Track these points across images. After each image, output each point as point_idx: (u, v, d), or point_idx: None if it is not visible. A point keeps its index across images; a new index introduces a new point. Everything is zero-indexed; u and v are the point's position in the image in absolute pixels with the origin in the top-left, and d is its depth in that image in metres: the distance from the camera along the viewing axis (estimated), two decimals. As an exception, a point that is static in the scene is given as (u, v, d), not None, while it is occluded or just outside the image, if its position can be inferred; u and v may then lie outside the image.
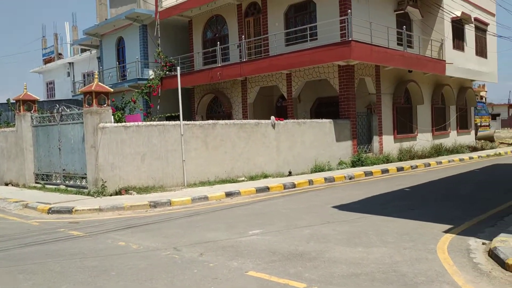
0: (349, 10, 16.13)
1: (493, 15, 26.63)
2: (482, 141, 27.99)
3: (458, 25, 22.67)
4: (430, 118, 22.59)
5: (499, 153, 21.70)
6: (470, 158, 19.78)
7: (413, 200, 9.59)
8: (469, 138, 26.32)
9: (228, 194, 11.07)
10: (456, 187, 11.32)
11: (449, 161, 18.49)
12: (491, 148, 25.47)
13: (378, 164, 17.28)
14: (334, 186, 12.56)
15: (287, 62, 17.66)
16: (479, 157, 20.26)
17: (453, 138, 24.23)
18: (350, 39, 15.76)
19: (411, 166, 16.57)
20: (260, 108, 21.44)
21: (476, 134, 28.09)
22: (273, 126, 14.56)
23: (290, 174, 14.67)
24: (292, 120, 15.46)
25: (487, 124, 33.75)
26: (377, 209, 8.49)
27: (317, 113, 20.30)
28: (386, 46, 17.62)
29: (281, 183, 12.44)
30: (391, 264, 5.17)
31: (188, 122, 12.48)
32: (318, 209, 8.78)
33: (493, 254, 5.30)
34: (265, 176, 13.99)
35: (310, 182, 13.03)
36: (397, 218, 7.62)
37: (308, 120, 16.03)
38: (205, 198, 10.61)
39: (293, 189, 12.31)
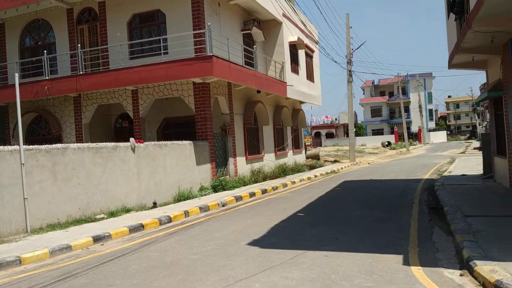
0: (209, 24, 15.01)
1: (317, 42, 28.94)
2: (309, 159, 29.87)
3: (293, 50, 23.73)
4: (273, 139, 22.92)
5: (334, 170, 23.16)
6: (315, 176, 20.51)
7: (323, 226, 8.75)
8: (302, 157, 27.76)
9: (97, 239, 8.57)
10: (343, 208, 10.99)
11: (300, 181, 18.74)
12: (321, 166, 27.14)
13: (238, 187, 16.38)
14: (214, 216, 11.04)
15: (137, 77, 15.55)
16: (321, 175, 21.17)
17: (290, 157, 25.11)
18: (211, 54, 14.63)
19: (273, 188, 16.12)
20: (98, 130, 18.54)
21: (306, 153, 29.88)
22: (133, 149, 12.33)
23: (154, 205, 12.57)
24: (153, 143, 13.41)
25: (310, 143, 36.58)
26: (301, 243, 7.36)
27: (164, 135, 18.47)
28: (240, 65, 17.05)
29: (155, 218, 10.36)
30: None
31: (31, 147, 9.45)
32: (234, 249, 7.19)
33: (501, 290, 4.62)
34: (127, 210, 11.64)
35: (186, 213, 11.26)
36: (337, 252, 6.60)
37: (169, 142, 14.17)
38: (68, 247, 7.94)
39: (170, 223, 10.37)
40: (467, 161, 23.15)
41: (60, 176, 9.97)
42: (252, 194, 14.57)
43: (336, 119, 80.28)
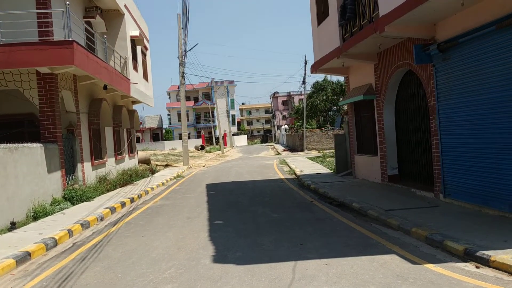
0: (67, 3, 12.47)
1: (148, 41, 27.36)
2: (140, 164, 28.04)
3: (133, 45, 21.89)
4: (113, 142, 20.62)
5: (179, 174, 22.24)
6: (167, 181, 19.25)
7: (267, 234, 7.88)
8: (136, 162, 25.79)
9: (-20, 281, 6.03)
10: (253, 211, 10.28)
11: (157, 186, 17.29)
12: (155, 170, 25.68)
13: (95, 197, 14.16)
14: (108, 233, 9.09)
15: (-39, 61, 11.88)
16: (170, 179, 20.00)
17: (127, 162, 23.05)
18: (71, 39, 12.20)
19: (138, 196, 14.41)
20: None
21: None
22: (-19, 155, 9.27)
23: (13, 225, 9.69)
24: (3, 145, 10.33)
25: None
26: (275, 253, 6.53)
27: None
28: (96, 55, 14.74)
29: (38, 243, 7.92)
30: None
31: None
32: (206, 270, 5.88)
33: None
34: (-20, 236, 8.67)
35: (70, 233, 9.00)
36: (330, 259, 6.03)
37: (20, 144, 11.16)
38: None
39: (58, 247, 8.12)
40: (299, 161, 25.03)
41: None
42: (123, 204, 12.69)
43: (141, 123, 78.10)
